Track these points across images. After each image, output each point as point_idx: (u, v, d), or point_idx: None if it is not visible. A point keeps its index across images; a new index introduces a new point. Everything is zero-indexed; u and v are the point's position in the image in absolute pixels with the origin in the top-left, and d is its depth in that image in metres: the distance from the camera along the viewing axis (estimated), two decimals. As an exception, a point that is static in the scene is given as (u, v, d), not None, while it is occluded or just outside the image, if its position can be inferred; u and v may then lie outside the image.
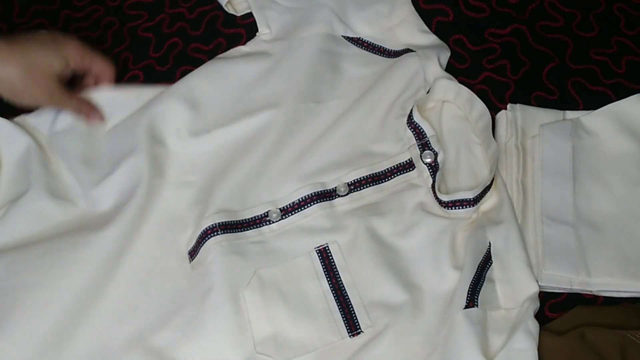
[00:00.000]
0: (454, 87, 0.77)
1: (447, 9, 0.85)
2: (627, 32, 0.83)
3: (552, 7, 0.85)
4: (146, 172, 0.75)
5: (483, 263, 0.67)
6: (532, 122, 0.76)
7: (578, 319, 0.66)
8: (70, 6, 0.91)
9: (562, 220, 0.70)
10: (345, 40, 0.83)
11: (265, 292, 0.68)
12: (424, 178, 0.73)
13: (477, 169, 0.74)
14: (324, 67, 0.80)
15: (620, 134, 0.74)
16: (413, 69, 0.78)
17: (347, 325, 0.67)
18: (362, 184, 0.74)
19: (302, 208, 0.73)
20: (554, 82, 0.80)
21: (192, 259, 0.72)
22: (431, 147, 0.73)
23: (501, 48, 0.82)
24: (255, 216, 0.73)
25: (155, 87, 0.80)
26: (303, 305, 0.68)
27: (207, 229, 0.72)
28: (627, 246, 0.69)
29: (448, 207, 0.71)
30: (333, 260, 0.70)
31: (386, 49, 0.83)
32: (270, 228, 0.73)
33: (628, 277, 0.67)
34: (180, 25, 0.88)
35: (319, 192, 0.73)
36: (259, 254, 0.71)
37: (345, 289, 0.69)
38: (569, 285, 0.68)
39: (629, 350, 0.63)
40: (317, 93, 0.79)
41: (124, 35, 0.88)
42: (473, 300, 0.65)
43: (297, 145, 0.77)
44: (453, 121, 0.77)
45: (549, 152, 0.73)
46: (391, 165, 0.74)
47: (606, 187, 0.72)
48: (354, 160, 0.75)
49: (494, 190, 0.72)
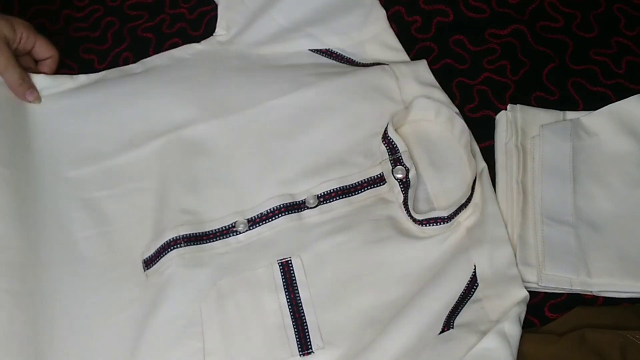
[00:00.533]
0: (434, 106, 0.76)
1: (447, 9, 0.85)
2: (627, 33, 0.83)
3: (552, 7, 0.85)
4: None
5: (467, 289, 0.66)
6: (532, 123, 0.76)
7: (578, 320, 0.66)
8: (70, 6, 0.91)
9: (562, 221, 0.70)
10: (312, 52, 0.82)
11: (222, 303, 0.68)
12: (394, 193, 0.72)
13: (464, 184, 0.73)
14: (275, 72, 0.80)
15: (620, 134, 0.74)
16: (387, 84, 0.78)
17: (299, 343, 0.66)
18: (332, 197, 0.73)
19: (270, 219, 0.72)
20: (554, 83, 0.80)
21: (148, 268, 0.71)
22: (403, 163, 0.72)
23: (501, 48, 0.82)
24: (222, 227, 0.72)
25: (92, 76, 0.82)
26: (258, 317, 0.67)
27: (170, 240, 0.71)
28: (627, 246, 0.69)
29: (422, 224, 0.70)
30: (294, 275, 0.69)
31: (355, 60, 0.82)
32: (237, 239, 0.72)
33: (628, 277, 0.67)
34: (180, 25, 0.88)
35: (288, 203, 0.72)
36: (222, 265, 0.70)
37: (302, 306, 0.67)
38: (569, 286, 0.68)
39: (629, 351, 0.63)
40: (268, 94, 0.78)
41: (124, 35, 0.88)
42: (449, 325, 0.64)
43: (265, 154, 0.76)
44: (440, 139, 0.76)
45: (549, 153, 0.73)
46: (362, 178, 0.73)
47: (606, 187, 0.72)
48: (325, 171, 0.74)
49: (480, 205, 0.71)
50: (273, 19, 0.84)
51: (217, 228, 0.72)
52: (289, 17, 0.84)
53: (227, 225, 0.72)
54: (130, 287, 0.71)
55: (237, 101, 0.78)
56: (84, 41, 0.88)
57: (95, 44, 0.88)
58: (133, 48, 0.87)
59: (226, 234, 0.72)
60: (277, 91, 0.78)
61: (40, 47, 0.81)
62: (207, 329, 0.67)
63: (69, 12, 0.91)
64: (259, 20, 0.84)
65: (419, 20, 0.85)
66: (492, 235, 0.69)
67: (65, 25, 0.90)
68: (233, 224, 0.72)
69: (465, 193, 0.71)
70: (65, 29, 0.89)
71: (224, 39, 0.84)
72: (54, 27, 0.89)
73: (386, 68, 0.79)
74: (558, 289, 0.69)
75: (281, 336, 0.66)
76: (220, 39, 0.84)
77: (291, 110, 0.77)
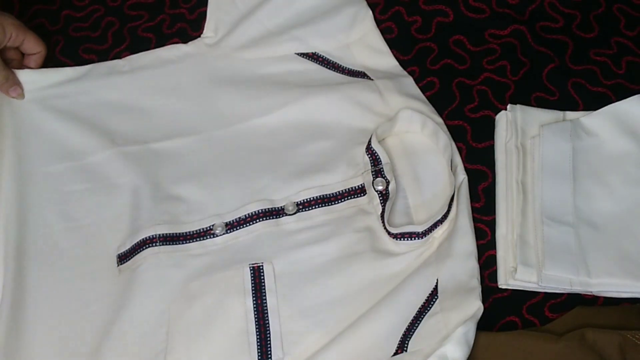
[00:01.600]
0: (419, 119, 0.75)
1: (447, 10, 0.85)
2: (627, 33, 0.83)
3: (552, 7, 0.85)
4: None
5: (426, 302, 0.66)
6: (532, 123, 0.76)
7: (578, 320, 0.66)
8: (70, 6, 0.91)
9: (562, 221, 0.70)
10: (299, 56, 0.82)
11: (190, 304, 0.68)
12: (374, 205, 0.72)
13: (443, 199, 0.73)
14: (261, 83, 0.80)
15: (620, 134, 0.74)
16: (371, 98, 0.78)
17: (259, 351, 0.66)
18: (312, 204, 0.73)
19: (248, 224, 0.72)
20: (554, 83, 0.80)
21: (122, 263, 0.72)
22: (384, 175, 0.72)
23: (501, 49, 0.82)
24: (200, 229, 0.72)
25: (79, 69, 0.83)
26: (222, 321, 0.67)
27: (146, 238, 0.71)
28: (627, 246, 0.69)
29: (397, 238, 0.70)
30: (264, 281, 0.68)
31: (341, 65, 0.82)
32: (214, 242, 0.72)
33: (628, 277, 0.67)
34: (180, 25, 0.88)
35: (267, 209, 0.73)
36: (196, 267, 0.70)
37: (268, 313, 0.67)
38: (569, 286, 0.68)
39: (629, 351, 0.63)
40: (254, 111, 0.79)
41: (124, 35, 0.88)
42: (403, 347, 0.64)
43: (248, 162, 0.76)
44: (426, 151, 0.76)
45: (549, 153, 0.73)
46: (343, 188, 0.73)
47: (606, 187, 0.72)
48: (307, 179, 0.74)
49: (454, 219, 0.70)
50: (260, 22, 0.83)
51: (195, 230, 0.72)
52: (276, 20, 0.84)
53: (204, 227, 0.72)
54: (103, 281, 0.71)
55: (222, 117, 0.79)
56: (84, 41, 0.88)
57: (95, 44, 0.88)
58: (133, 48, 0.87)
59: (203, 236, 0.72)
60: (263, 108, 0.79)
61: (29, 43, 0.81)
62: (172, 329, 0.67)
63: (69, 12, 0.91)
64: (246, 23, 0.84)
65: (419, 21, 0.85)
66: (458, 249, 0.69)
67: (65, 25, 0.90)
68: (211, 227, 0.72)
69: (442, 208, 0.71)
70: (65, 29, 0.89)
71: (212, 41, 0.84)
72: (54, 27, 0.89)
73: (370, 83, 0.79)
74: (558, 289, 0.69)
75: (243, 342, 0.66)
76: (207, 41, 0.84)
77: (276, 127, 0.78)
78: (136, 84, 0.82)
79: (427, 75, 0.81)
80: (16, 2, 0.91)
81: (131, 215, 0.74)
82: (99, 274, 0.72)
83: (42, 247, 0.74)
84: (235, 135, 0.78)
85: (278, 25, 0.83)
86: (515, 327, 0.68)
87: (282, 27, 0.83)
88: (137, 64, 0.84)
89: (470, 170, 0.75)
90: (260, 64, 0.82)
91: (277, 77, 0.81)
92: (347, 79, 0.80)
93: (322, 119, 0.77)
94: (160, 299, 0.68)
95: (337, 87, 0.79)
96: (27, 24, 0.82)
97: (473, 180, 0.75)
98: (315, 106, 0.78)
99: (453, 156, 0.74)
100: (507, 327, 0.68)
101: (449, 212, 0.70)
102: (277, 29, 0.83)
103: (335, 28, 0.83)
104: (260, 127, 0.78)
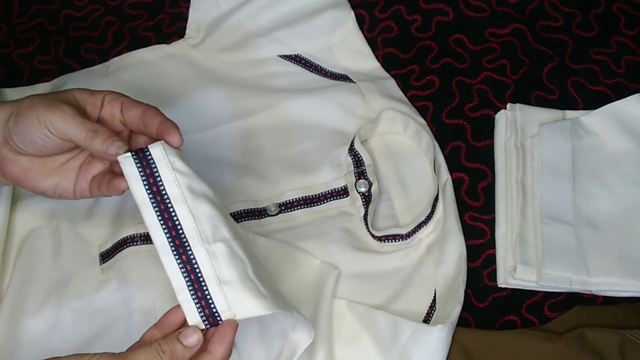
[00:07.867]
0: (401, 119, 0.76)
1: (447, 9, 0.85)
2: (627, 32, 0.83)
3: (552, 6, 0.85)
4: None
5: (426, 317, 0.67)
6: (531, 122, 0.76)
7: (577, 319, 0.66)
8: (70, 6, 0.91)
9: (561, 220, 0.70)
10: (281, 58, 0.82)
11: (174, 302, 0.67)
12: (356, 207, 0.73)
13: (427, 200, 0.73)
14: (246, 86, 0.80)
15: (619, 133, 0.74)
16: (353, 100, 0.78)
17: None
18: (294, 205, 0.73)
19: None
20: (554, 82, 0.80)
21: (104, 262, 0.72)
22: (367, 177, 0.73)
23: (501, 48, 0.82)
24: None
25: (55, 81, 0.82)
26: None
27: (127, 237, 0.71)
28: (627, 246, 0.69)
29: (381, 240, 0.70)
30: None
31: (323, 68, 0.82)
32: None
33: (627, 277, 0.67)
34: (180, 25, 0.88)
35: (249, 209, 0.73)
36: None
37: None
38: (568, 285, 0.68)
39: (629, 350, 0.63)
40: (236, 114, 0.79)
41: (124, 35, 0.88)
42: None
43: (230, 161, 0.76)
44: (409, 152, 0.76)
45: (549, 152, 0.73)
46: (326, 189, 0.74)
47: (606, 187, 0.72)
48: (290, 180, 0.74)
49: (442, 221, 0.70)
50: (241, 24, 0.84)
51: None
52: (258, 22, 0.84)
53: None
54: (87, 279, 0.71)
55: (205, 119, 0.79)
56: (84, 41, 0.88)
57: (96, 43, 0.88)
58: (133, 47, 0.87)
59: None
60: (246, 110, 0.79)
61: (130, 109, 0.62)
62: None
63: (69, 11, 0.91)
64: (227, 24, 0.84)
65: (419, 19, 0.85)
66: (451, 254, 0.69)
67: (65, 25, 0.90)
68: None
69: (425, 210, 0.71)
70: (65, 29, 0.89)
71: (194, 42, 0.84)
72: (54, 27, 0.89)
73: (353, 86, 0.79)
74: (557, 288, 0.69)
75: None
76: (190, 42, 0.84)
77: (259, 128, 0.78)
78: (117, 85, 0.80)
79: (427, 74, 0.81)
80: (16, 2, 0.91)
81: (114, 214, 0.74)
82: (82, 271, 0.72)
83: (34, 243, 0.74)
84: (218, 136, 0.78)
85: (260, 27, 0.84)
86: (514, 326, 0.68)
87: (264, 29, 0.83)
88: (118, 65, 0.84)
89: (469, 169, 0.75)
90: (243, 66, 0.82)
91: (260, 79, 0.81)
92: (329, 82, 0.81)
93: (305, 121, 0.78)
94: (144, 297, 0.69)
95: (320, 90, 0.79)
96: (27, 24, 0.82)
97: (472, 179, 0.75)
98: (298, 108, 0.78)
99: (436, 156, 0.74)
100: (506, 326, 0.68)
101: (432, 213, 0.71)
102: (259, 30, 0.83)
103: (316, 31, 0.83)
104: (243, 129, 0.78)
